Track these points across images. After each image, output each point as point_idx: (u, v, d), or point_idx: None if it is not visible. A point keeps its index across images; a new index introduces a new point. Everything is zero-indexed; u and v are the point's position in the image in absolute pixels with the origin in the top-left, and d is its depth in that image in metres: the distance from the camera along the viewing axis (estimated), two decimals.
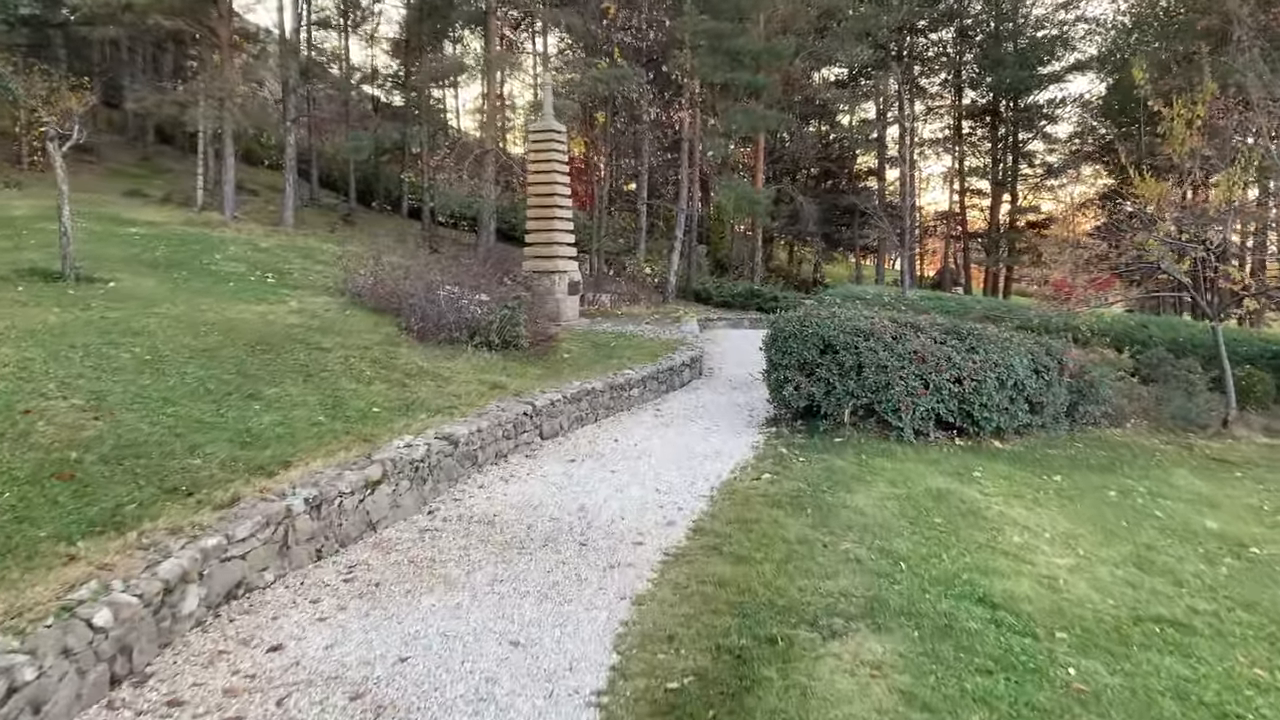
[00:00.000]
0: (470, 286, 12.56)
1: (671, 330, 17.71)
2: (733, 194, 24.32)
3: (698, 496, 7.06)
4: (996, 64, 40.16)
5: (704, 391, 12.72)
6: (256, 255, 17.11)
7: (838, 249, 49.05)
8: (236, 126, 20.58)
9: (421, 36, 29.09)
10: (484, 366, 10.85)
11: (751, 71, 23.66)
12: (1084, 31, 40.93)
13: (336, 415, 7.82)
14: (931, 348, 9.20)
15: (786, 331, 9.63)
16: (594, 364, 12.24)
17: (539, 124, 18.03)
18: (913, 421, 8.95)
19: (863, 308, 20.62)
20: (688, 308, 25.24)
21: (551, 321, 16.75)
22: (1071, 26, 40.67)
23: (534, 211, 18.15)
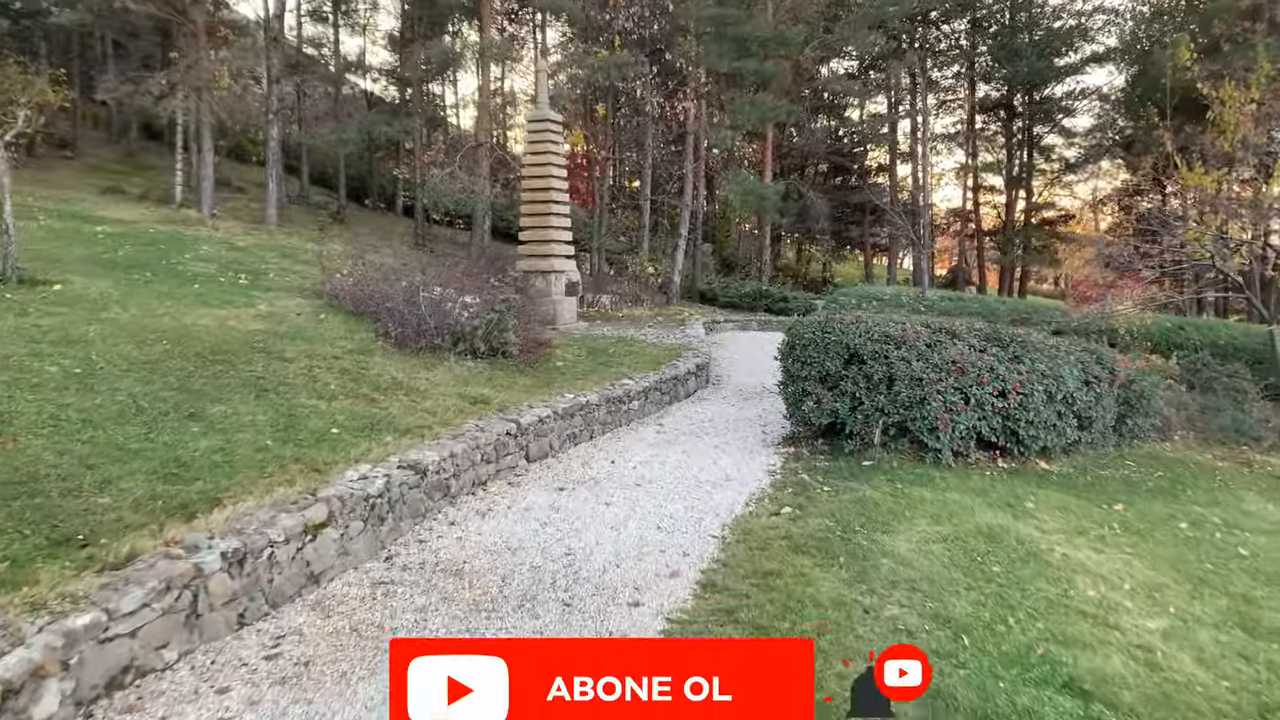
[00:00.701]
0: (457, 288, 11.54)
1: (675, 334, 16.68)
2: (740, 189, 23.27)
3: (706, 536, 6.03)
4: (1012, 56, 39.06)
5: (712, 403, 11.68)
6: (231, 255, 16.12)
7: (847, 247, 47.95)
8: (215, 119, 19.59)
9: (415, 28, 28.12)
10: (467, 377, 9.83)
11: (760, 60, 22.62)
12: (1102, 22, 39.90)
13: (288, 439, 6.81)
14: (971, 357, 8.16)
15: (806, 339, 8.59)
16: (590, 373, 11.22)
17: (534, 114, 17.02)
18: (951, 442, 7.91)
19: (880, 310, 19.61)
20: (693, 309, 24.21)
21: (547, 325, 15.76)
22: (1089, 17, 39.62)
23: (529, 207, 17.14)
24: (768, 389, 12.51)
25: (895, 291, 20.26)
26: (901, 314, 18.32)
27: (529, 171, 17.08)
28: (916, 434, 7.93)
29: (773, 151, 31.21)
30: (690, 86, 22.87)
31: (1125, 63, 38.43)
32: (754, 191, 23.61)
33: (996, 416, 8.05)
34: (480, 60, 21.32)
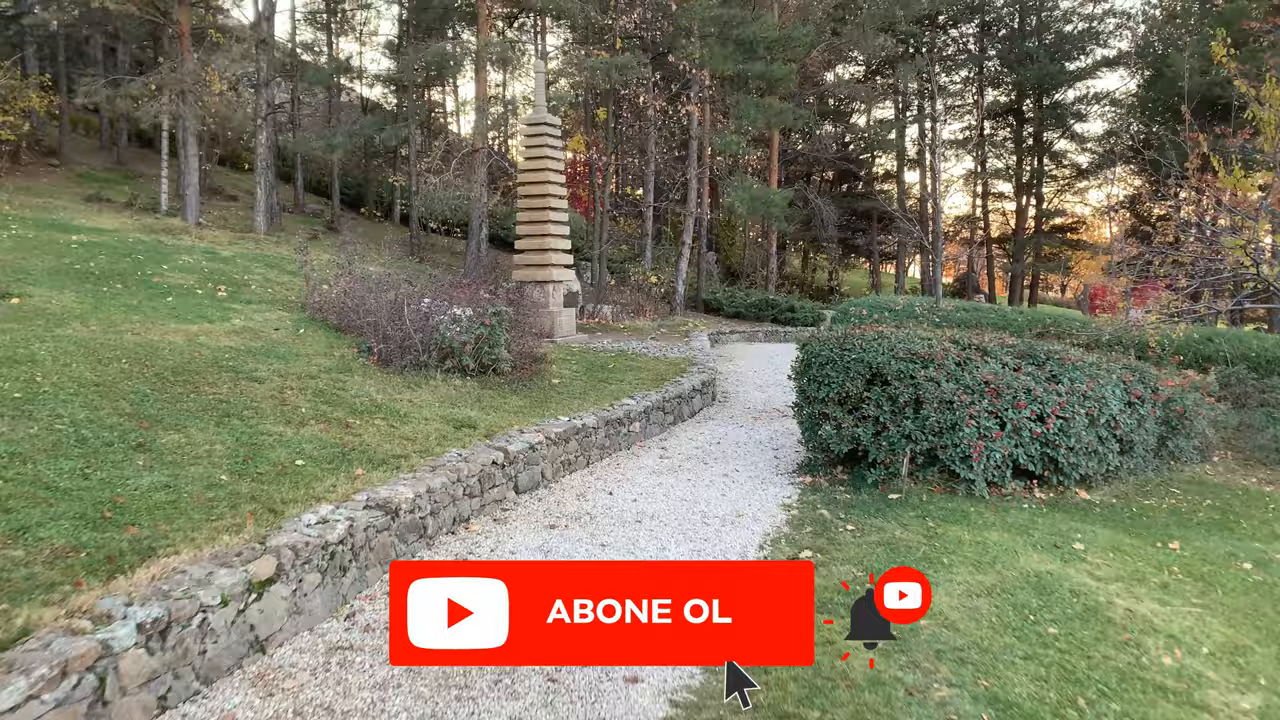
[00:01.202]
0: (446, 299, 10.84)
1: (679, 347, 15.96)
2: (746, 195, 22.56)
3: None
4: (1022, 60, 38.47)
5: (719, 423, 10.94)
6: (213, 265, 15.45)
7: (853, 256, 47.27)
8: (201, 124, 18.96)
9: (412, 33, 27.58)
10: (453, 398, 9.12)
11: (766, 63, 21.96)
12: (1113, 25, 39.29)
13: (245, 472, 6.09)
14: (1006, 377, 7.43)
15: (823, 357, 7.87)
16: (588, 391, 10.50)
17: (531, 117, 16.36)
18: (986, 471, 7.17)
19: (894, 321, 18.87)
20: (697, 319, 23.50)
21: (544, 338, 15.07)
22: (1100, 21, 39.01)
23: (526, 214, 16.46)
24: (778, 408, 11.80)
25: (908, 302, 19.52)
26: (916, 325, 17.60)
27: (525, 177, 16.41)
28: (947, 463, 7.19)
29: (778, 158, 30.55)
30: (694, 90, 22.19)
31: (1138, 66, 37.82)
32: (760, 198, 22.90)
33: (1035, 443, 7.32)
34: (476, 63, 20.68)
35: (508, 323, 10.29)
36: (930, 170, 41.11)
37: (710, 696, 3.99)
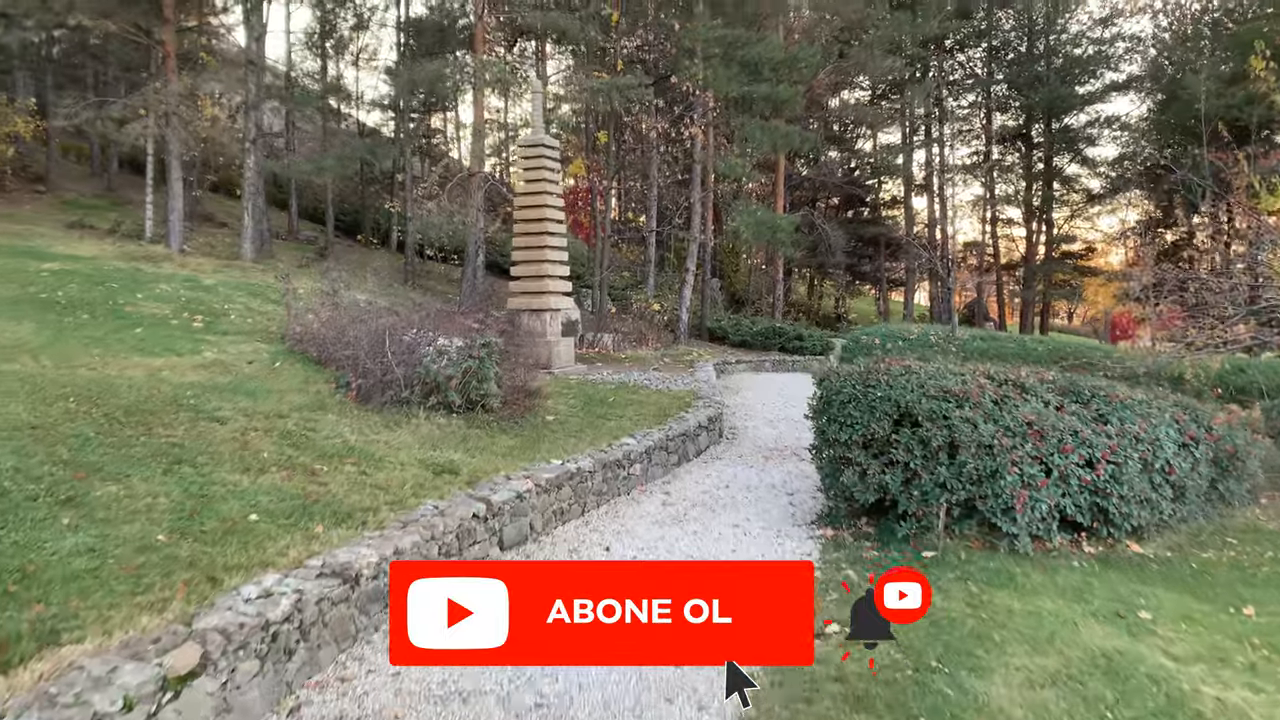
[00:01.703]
0: (434, 330, 10.12)
1: (683, 378, 15.23)
2: (751, 219, 21.93)
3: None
4: (1030, 84, 38.06)
5: (727, 463, 10.16)
6: (192, 294, 14.78)
7: (860, 283, 46.66)
8: (186, 148, 18.39)
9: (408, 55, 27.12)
10: (436, 438, 8.37)
11: (771, 84, 21.41)
12: (1124, 49, 38.90)
13: (188, 531, 5.35)
14: (1050, 417, 6.67)
15: (844, 394, 7.11)
16: (585, 429, 9.75)
17: (528, 138, 15.75)
18: (1030, 524, 6.40)
19: (910, 352, 18.12)
20: (701, 349, 22.79)
21: (541, 369, 14.35)
22: (1109, 45, 38.62)
23: (522, 239, 15.80)
24: (790, 445, 11.04)
25: (923, 331, 18.80)
26: (936, 357, 16.84)
27: (522, 200, 15.77)
28: (987, 515, 6.41)
29: (784, 183, 29.99)
30: (697, 112, 21.64)
31: (1150, 90, 37.39)
32: (766, 222, 22.27)
33: (1084, 492, 6.55)
34: (474, 85, 20.15)
35: (497, 355, 9.56)
36: (939, 196, 40.67)
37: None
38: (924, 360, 9.23)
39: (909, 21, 28.53)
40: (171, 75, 17.52)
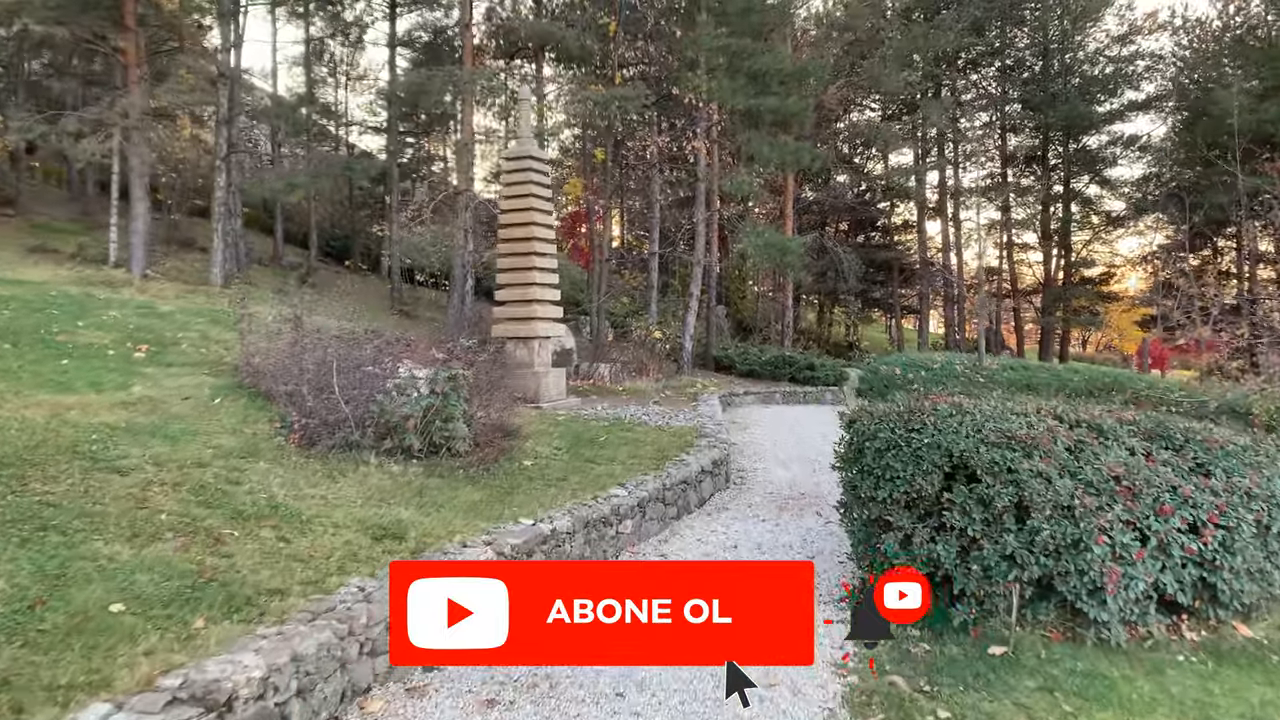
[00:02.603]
0: (391, 359, 8.84)
1: (686, 413, 13.92)
2: (759, 241, 20.69)
3: None
4: (1045, 104, 36.96)
5: (735, 514, 8.81)
6: (143, 322, 13.57)
7: (872, 309, 45.39)
8: (149, 166, 17.29)
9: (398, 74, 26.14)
10: (385, 491, 7.07)
11: (780, 97, 20.30)
12: (1143, 67, 37.84)
13: (17, 632, 4.08)
14: (1141, 469, 5.35)
15: (882, 440, 5.79)
16: (568, 475, 8.42)
17: (514, 149, 14.58)
18: (1124, 608, 5.06)
19: (928, 381, 16.79)
20: (706, 379, 21.49)
21: (528, 404, 13.10)
22: (1128, 64, 37.56)
23: (507, 260, 14.59)
24: (808, 493, 9.70)
25: (946, 359, 17.48)
26: (960, 387, 15.50)
27: (508, 218, 14.57)
28: (1069, 597, 5.07)
29: (792, 204, 28.84)
30: (700, 126, 20.49)
31: (1174, 108, 36.31)
32: (775, 244, 21.03)
33: (1188, 565, 5.21)
34: (462, 97, 19.04)
35: (466, 389, 8.28)
36: (953, 219, 39.48)
37: None
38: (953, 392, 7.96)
39: (924, 35, 27.51)
40: (133, 87, 16.44)
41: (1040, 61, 39.59)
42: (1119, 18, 37.96)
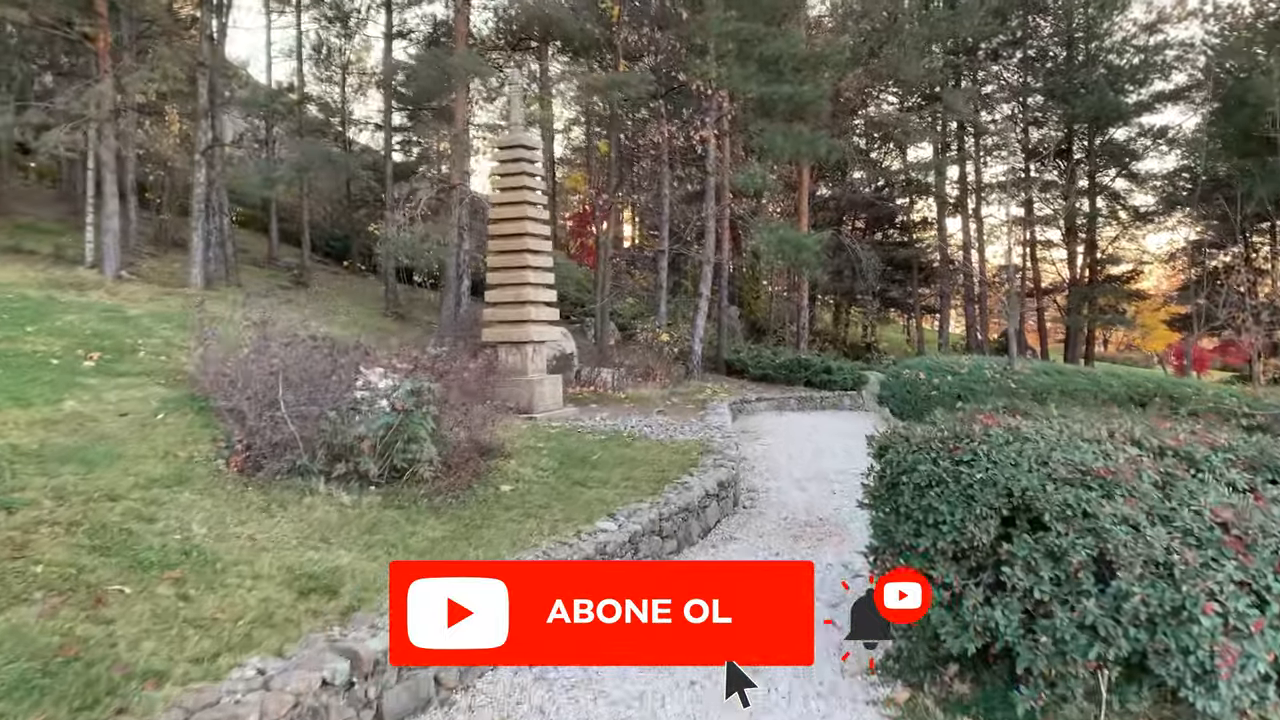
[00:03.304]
0: (351, 368, 7.80)
1: (692, 423, 12.87)
2: (773, 238, 19.57)
3: None
4: (1069, 95, 35.66)
5: (742, 546, 7.72)
6: (105, 326, 12.63)
7: (890, 309, 44.16)
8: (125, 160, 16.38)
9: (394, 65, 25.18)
10: (330, 528, 6.05)
11: (795, 84, 19.19)
12: (1173, 56, 36.47)
13: None
14: (1254, 514, 4.25)
15: (922, 474, 4.69)
16: (551, 504, 7.37)
17: (505, 138, 13.56)
18: (1238, 695, 3.97)
19: (956, 386, 15.66)
20: (717, 384, 20.40)
21: (520, 415, 12.08)
22: (1156, 54, 36.20)
23: (498, 258, 13.59)
24: (828, 519, 8.62)
25: (974, 363, 16.35)
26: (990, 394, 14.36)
27: (499, 212, 13.55)
28: (1170, 680, 3.98)
29: (807, 200, 27.69)
30: (710, 115, 19.39)
31: (1205, 98, 34.93)
32: (790, 241, 19.90)
33: None
34: (452, 83, 18.01)
35: (434, 404, 7.25)
36: (974, 215, 38.24)
37: None
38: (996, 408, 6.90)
39: (946, 19, 26.34)
40: (105, 77, 15.52)
41: (1064, 52, 38.34)
42: (1147, 5, 36.86)
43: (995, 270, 43.39)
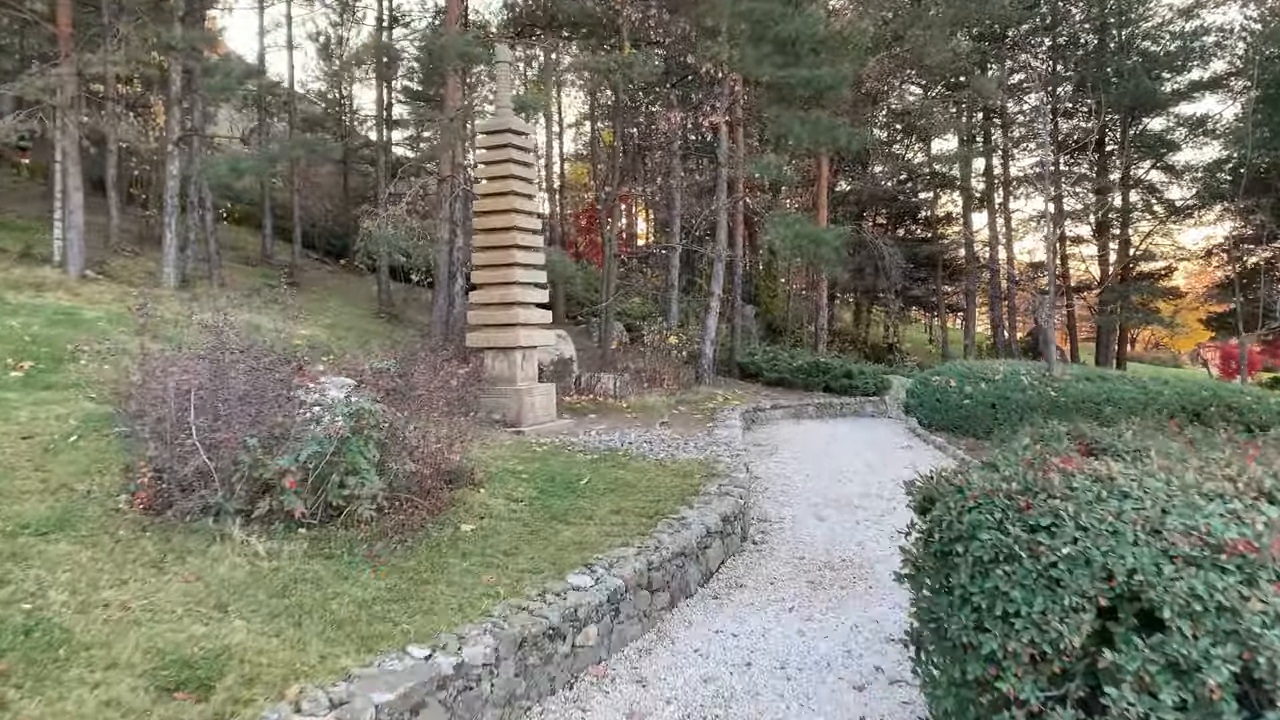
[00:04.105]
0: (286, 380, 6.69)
1: (699, 438, 11.71)
2: (789, 232, 18.34)
3: None
4: (1105, 82, 34.24)
5: (749, 601, 6.51)
6: (50, 331, 11.63)
7: (913, 309, 42.82)
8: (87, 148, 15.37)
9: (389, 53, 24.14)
10: (232, 589, 4.91)
11: (812, 68, 17.97)
12: (1211, 42, 34.93)
13: None
14: None
15: (984, 543, 3.51)
16: (518, 547, 6.20)
17: (491, 122, 12.42)
18: None
19: (991, 395, 14.41)
20: (729, 389, 19.22)
21: (507, 428, 10.99)
22: (1193, 39, 34.69)
23: (483, 254, 12.46)
24: (851, 558, 7.43)
25: (1010, 369, 15.11)
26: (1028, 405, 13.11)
27: (485, 204, 12.42)
28: None
29: (826, 193, 26.44)
30: (721, 99, 18.18)
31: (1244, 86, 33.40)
32: (808, 235, 18.67)
33: None
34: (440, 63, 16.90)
35: (377, 430, 6.11)
36: (1002, 210, 36.86)
37: None
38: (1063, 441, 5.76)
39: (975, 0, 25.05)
40: (66, 60, 14.54)
41: (1097, 38, 36.95)
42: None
43: (1023, 267, 41.94)
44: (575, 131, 40.71)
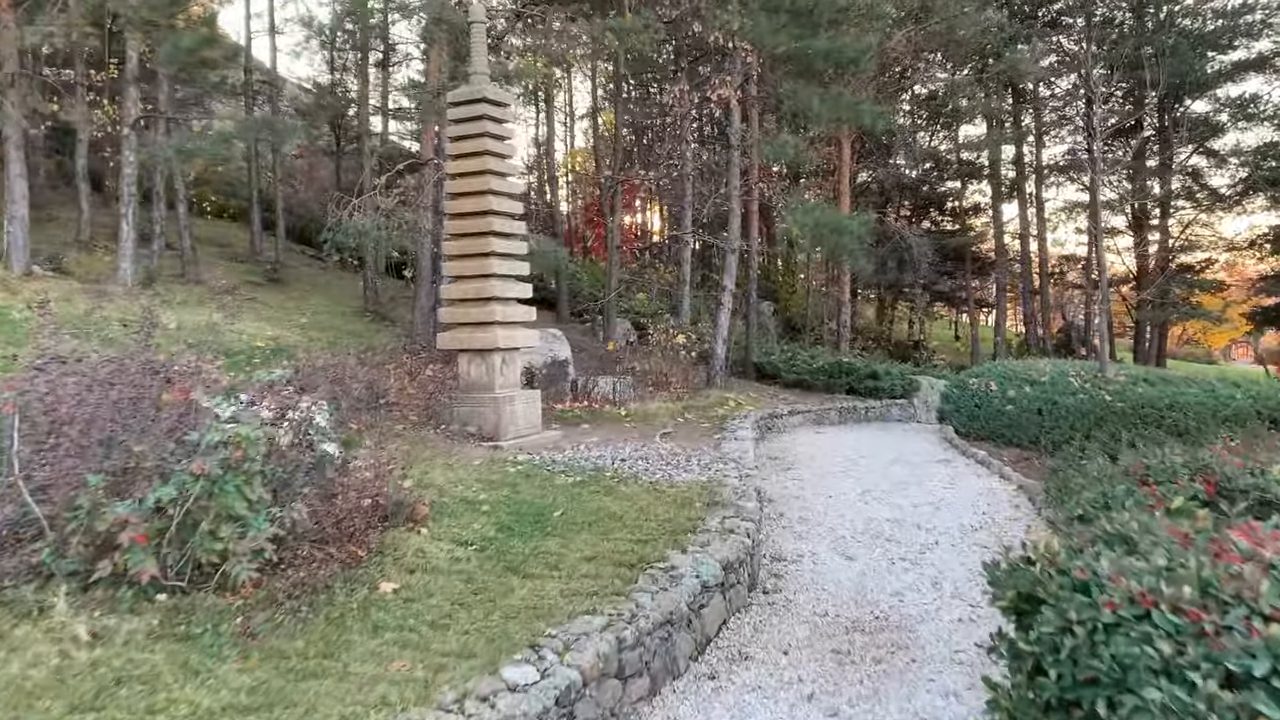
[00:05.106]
0: (149, 402, 5.32)
1: (704, 452, 10.28)
2: (809, 220, 16.86)
3: None
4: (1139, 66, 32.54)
5: (754, 687, 4.96)
6: None
7: (940, 304, 41.13)
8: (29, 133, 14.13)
9: None
10: (22, 695, 3.53)
11: (833, 39, 16.48)
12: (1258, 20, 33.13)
13: None
14: None
15: (1154, 704, 2.08)
16: (452, 616, 4.78)
17: (463, 91, 10.98)
18: None
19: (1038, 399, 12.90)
20: (743, 393, 17.74)
21: (484, 442, 9.61)
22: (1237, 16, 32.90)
23: (455, 243, 11.06)
24: (888, 615, 5.98)
25: (1057, 369, 13.62)
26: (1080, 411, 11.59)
27: (456, 185, 10.99)
28: None
29: (849, 179, 24.92)
30: (733, 72, 16.70)
31: None
32: (829, 224, 17.19)
33: None
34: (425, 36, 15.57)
35: (266, 461, 4.73)
36: (1034, 200, 35.21)
37: None
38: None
39: None
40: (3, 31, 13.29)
41: (1134, 17, 35.22)
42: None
43: (1056, 260, 40.23)
44: (588, 124, 39.62)
